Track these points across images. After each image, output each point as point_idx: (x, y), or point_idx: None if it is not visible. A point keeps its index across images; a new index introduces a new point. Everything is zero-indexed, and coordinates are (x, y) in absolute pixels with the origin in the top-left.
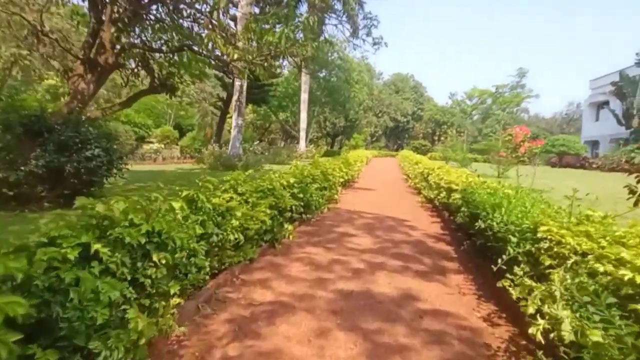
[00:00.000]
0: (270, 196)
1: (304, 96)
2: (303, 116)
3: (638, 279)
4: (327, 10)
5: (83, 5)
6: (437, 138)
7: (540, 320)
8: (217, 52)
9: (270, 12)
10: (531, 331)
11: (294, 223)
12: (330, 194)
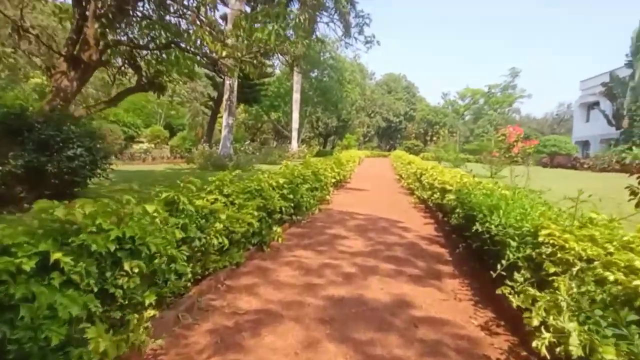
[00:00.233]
0: (258, 197)
1: (296, 96)
2: (295, 116)
3: None
4: (319, 8)
5: (67, 2)
6: (429, 138)
7: (545, 333)
8: (205, 49)
9: (261, 10)
10: (535, 344)
11: (283, 225)
12: (322, 195)
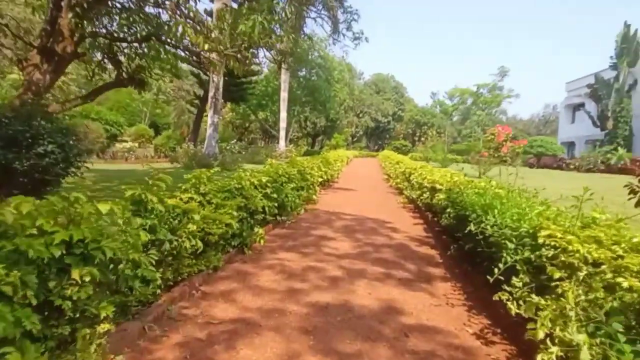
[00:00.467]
0: (239, 196)
1: (284, 95)
2: (283, 115)
3: None
4: (306, 3)
5: None
6: (417, 139)
7: (552, 346)
8: (187, 42)
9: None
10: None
11: (267, 226)
12: (308, 194)
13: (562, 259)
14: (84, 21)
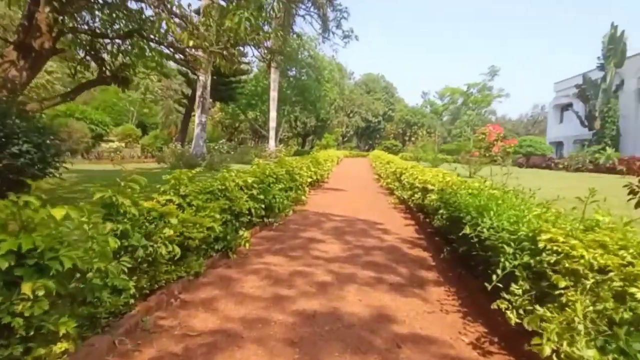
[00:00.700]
0: (222, 198)
1: (273, 94)
2: (273, 115)
3: None
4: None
5: None
6: (407, 138)
7: None
8: (171, 39)
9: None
10: None
11: (253, 228)
12: (297, 195)
13: (565, 265)
14: (63, 16)
